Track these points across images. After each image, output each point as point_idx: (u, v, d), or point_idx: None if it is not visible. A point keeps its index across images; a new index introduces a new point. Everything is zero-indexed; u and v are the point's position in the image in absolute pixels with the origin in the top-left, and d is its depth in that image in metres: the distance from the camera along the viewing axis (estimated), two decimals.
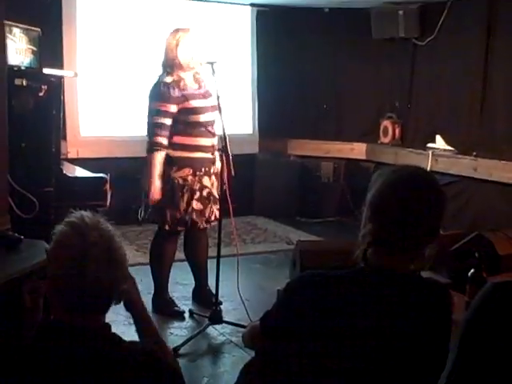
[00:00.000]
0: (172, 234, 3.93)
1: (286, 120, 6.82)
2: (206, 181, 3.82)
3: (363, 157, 6.69)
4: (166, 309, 3.97)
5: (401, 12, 5.90)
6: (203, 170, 3.80)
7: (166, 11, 6.23)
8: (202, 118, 3.77)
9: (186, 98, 3.73)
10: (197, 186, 3.79)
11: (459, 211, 5.59)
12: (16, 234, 2.40)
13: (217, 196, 3.83)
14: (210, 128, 3.81)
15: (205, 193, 3.83)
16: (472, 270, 2.42)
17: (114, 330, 1.54)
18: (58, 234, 1.51)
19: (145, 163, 3.81)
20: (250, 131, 6.84)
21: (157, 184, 3.72)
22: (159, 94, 3.72)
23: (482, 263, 2.43)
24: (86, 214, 1.54)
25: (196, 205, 3.81)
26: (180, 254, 4.28)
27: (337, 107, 6.85)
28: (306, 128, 6.84)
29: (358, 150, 6.74)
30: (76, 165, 4.68)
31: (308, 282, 1.62)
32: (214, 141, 3.85)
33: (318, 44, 6.69)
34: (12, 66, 3.44)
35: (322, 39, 6.68)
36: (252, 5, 6.64)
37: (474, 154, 5.48)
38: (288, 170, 6.84)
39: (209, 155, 3.82)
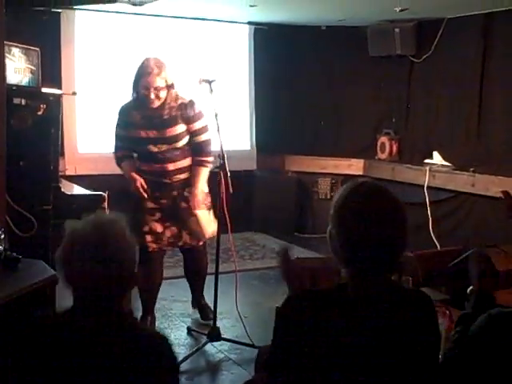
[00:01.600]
0: (151, 255, 3.81)
1: (284, 136, 6.85)
2: (164, 202, 3.82)
3: (361, 173, 6.70)
4: None
5: (397, 29, 5.95)
6: (158, 193, 3.80)
7: (164, 30, 6.27)
8: (141, 148, 3.80)
9: (129, 125, 3.79)
10: (151, 205, 3.80)
11: (457, 227, 5.60)
12: (14, 254, 2.40)
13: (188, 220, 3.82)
14: (159, 155, 3.77)
15: (165, 215, 3.82)
16: (470, 287, 2.42)
17: None
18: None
19: None
20: (248, 148, 6.86)
21: (132, 175, 3.82)
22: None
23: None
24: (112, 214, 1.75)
25: (155, 226, 3.81)
26: (177, 271, 4.28)
27: (334, 124, 6.88)
28: (303, 144, 6.87)
29: (355, 166, 6.76)
30: (74, 181, 4.69)
31: (293, 309, 1.61)
32: (172, 166, 3.80)
33: (315, 61, 6.74)
34: (11, 85, 3.46)
35: (319, 57, 6.73)
36: (249, 23, 6.69)
37: (472, 169, 5.49)
38: (285, 186, 6.86)
39: (163, 180, 3.80)
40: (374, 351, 1.53)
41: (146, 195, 3.78)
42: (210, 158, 3.87)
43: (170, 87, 3.73)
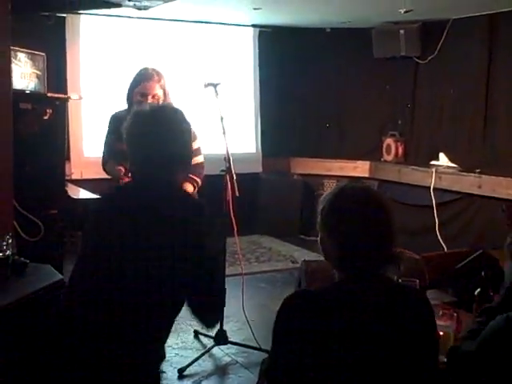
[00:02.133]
0: None
1: (289, 139, 6.86)
2: None
3: (366, 175, 6.70)
4: None
5: (402, 31, 5.94)
6: None
7: (169, 33, 6.29)
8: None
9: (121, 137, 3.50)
10: None
11: (463, 228, 5.58)
12: (22, 258, 2.40)
13: None
14: None
15: None
16: (478, 289, 2.42)
17: None
18: None
19: None
20: (254, 151, 6.86)
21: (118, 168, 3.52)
22: None
23: (488, 282, 2.42)
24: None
25: None
26: None
27: (339, 126, 6.88)
28: (308, 147, 6.88)
29: (361, 168, 6.76)
30: (80, 185, 4.70)
31: (289, 310, 1.61)
32: None
33: (320, 64, 6.74)
34: (17, 90, 3.47)
35: (324, 59, 6.73)
36: (254, 26, 6.70)
37: (478, 170, 5.48)
38: (291, 188, 6.86)
39: None
40: (371, 348, 1.54)
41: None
42: (199, 180, 3.56)
43: (165, 100, 3.48)
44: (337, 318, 1.55)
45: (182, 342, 3.90)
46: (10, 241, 2.29)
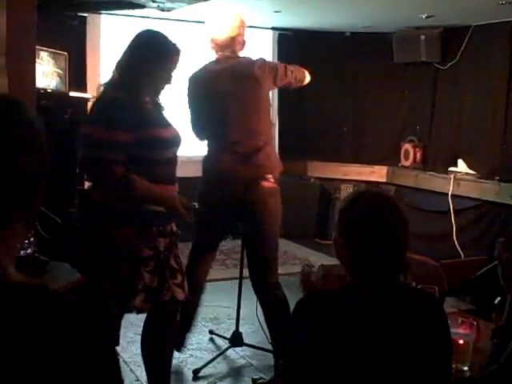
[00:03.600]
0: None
1: (307, 142, 6.84)
2: (162, 245, 2.67)
3: (384, 180, 6.67)
4: None
5: (423, 36, 5.91)
6: (155, 229, 2.64)
7: (189, 34, 6.30)
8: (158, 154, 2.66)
9: (142, 122, 2.69)
10: (146, 253, 2.59)
11: (481, 236, 5.54)
12: (42, 257, 2.42)
13: (176, 266, 2.77)
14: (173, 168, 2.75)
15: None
16: (498, 298, 2.39)
17: None
18: None
19: None
20: None
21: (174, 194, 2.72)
22: None
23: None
24: None
25: (148, 279, 2.61)
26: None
27: (357, 130, 6.86)
28: (326, 150, 6.86)
29: (378, 173, 6.73)
30: None
31: (303, 311, 1.62)
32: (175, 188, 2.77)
33: (340, 68, 6.73)
34: (39, 89, 3.50)
35: (344, 63, 6.71)
36: (273, 28, 6.70)
37: (497, 178, 5.44)
38: (308, 191, 6.84)
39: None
40: (382, 352, 1.54)
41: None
42: None
43: None
44: (347, 321, 1.56)
45: (197, 343, 3.90)
46: (32, 239, 2.31)
